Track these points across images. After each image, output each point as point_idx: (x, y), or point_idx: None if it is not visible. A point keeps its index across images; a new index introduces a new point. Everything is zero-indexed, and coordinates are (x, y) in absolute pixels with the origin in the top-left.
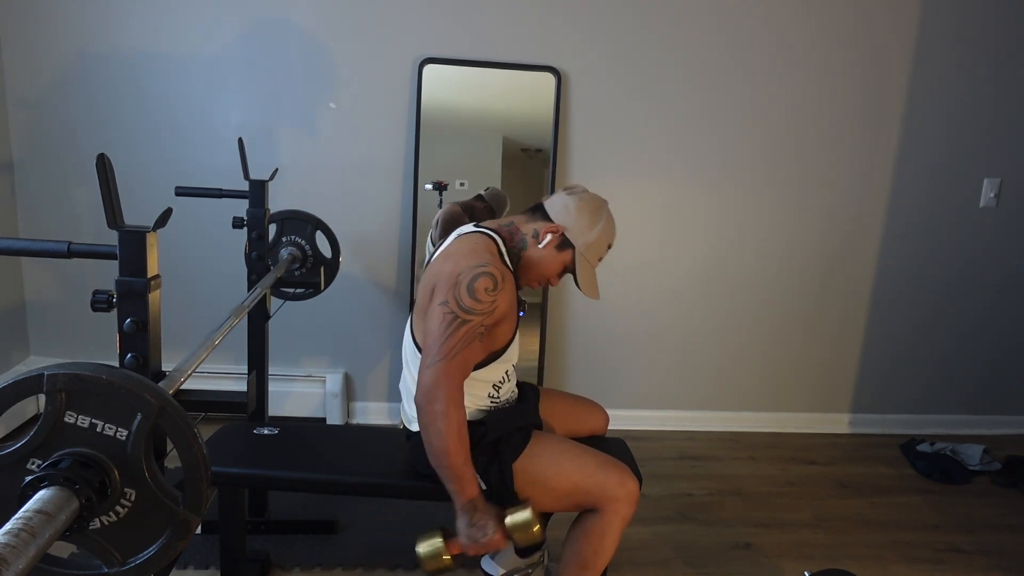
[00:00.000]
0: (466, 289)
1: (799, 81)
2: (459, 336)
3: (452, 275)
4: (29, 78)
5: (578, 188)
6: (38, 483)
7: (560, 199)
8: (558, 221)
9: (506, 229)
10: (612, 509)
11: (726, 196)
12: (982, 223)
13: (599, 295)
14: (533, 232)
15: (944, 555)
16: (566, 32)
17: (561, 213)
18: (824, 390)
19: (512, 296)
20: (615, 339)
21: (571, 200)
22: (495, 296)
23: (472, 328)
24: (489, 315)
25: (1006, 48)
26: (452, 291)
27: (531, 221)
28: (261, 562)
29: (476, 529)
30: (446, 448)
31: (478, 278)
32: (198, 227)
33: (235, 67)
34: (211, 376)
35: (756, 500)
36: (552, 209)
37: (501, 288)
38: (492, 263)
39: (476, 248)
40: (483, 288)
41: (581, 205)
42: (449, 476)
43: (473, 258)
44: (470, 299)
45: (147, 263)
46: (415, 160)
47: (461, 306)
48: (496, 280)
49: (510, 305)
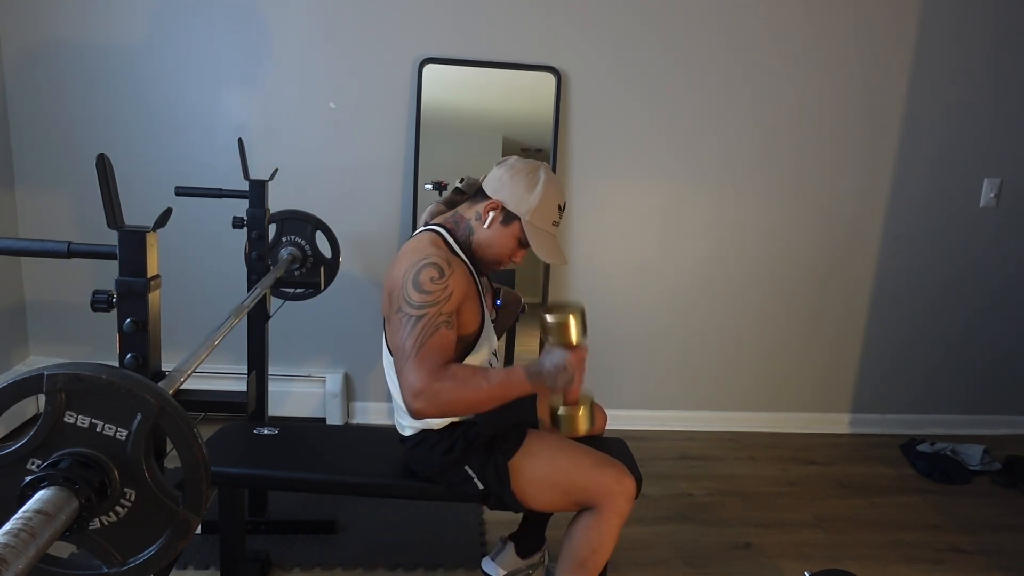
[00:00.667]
0: (412, 286)
1: (799, 81)
2: (419, 330)
3: (399, 278)
4: (29, 78)
5: (508, 160)
6: (38, 483)
7: (493, 174)
8: (495, 196)
9: (451, 220)
10: (609, 507)
11: (726, 196)
12: (982, 223)
13: (566, 260)
14: (475, 215)
15: (944, 555)
16: (566, 32)
17: (496, 187)
18: (824, 390)
19: (465, 280)
20: (615, 339)
21: (502, 171)
22: (445, 282)
23: (430, 319)
24: (445, 302)
25: (1006, 48)
26: (401, 292)
27: (473, 205)
28: (261, 562)
29: (549, 373)
30: (479, 398)
31: (420, 271)
32: (198, 227)
33: (235, 67)
34: (211, 376)
35: (756, 500)
36: (488, 186)
37: (449, 274)
38: (434, 253)
39: (418, 246)
40: (428, 278)
41: (513, 174)
42: (505, 395)
43: (413, 256)
44: (418, 294)
45: (147, 263)
46: (415, 160)
47: (411, 304)
48: (440, 267)
49: (466, 289)
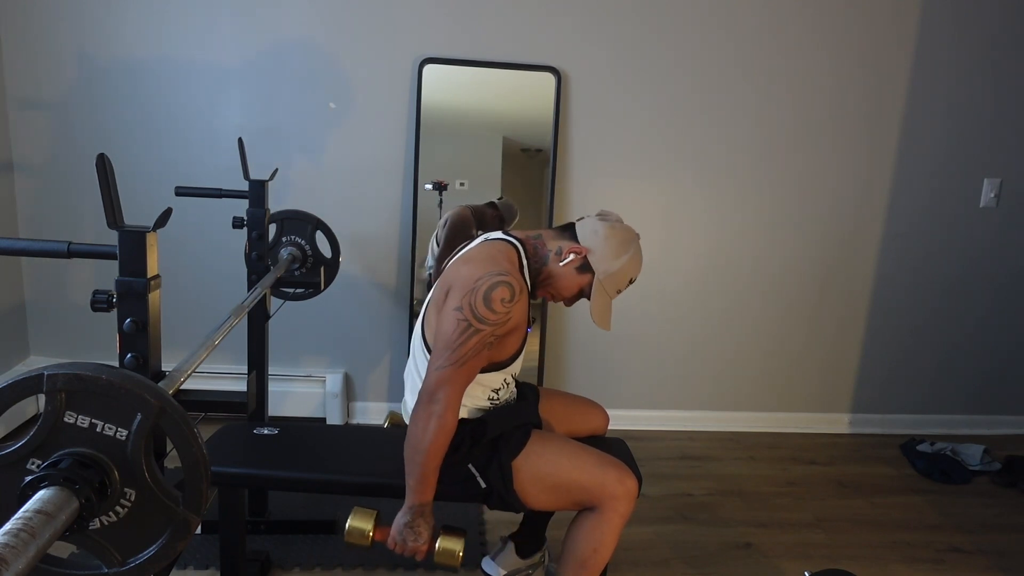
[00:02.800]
0: (482, 297)
1: (799, 80)
2: (470, 345)
3: (470, 280)
4: (29, 79)
5: (612, 216)
6: (38, 483)
7: (591, 223)
8: (584, 244)
9: (532, 241)
10: (611, 507)
11: (726, 196)
12: (982, 223)
13: (610, 327)
14: (557, 249)
15: (944, 555)
16: (566, 32)
17: (589, 236)
18: (824, 390)
19: (525, 308)
20: (615, 339)
21: (602, 226)
22: (510, 307)
23: (484, 337)
24: (502, 325)
25: (1006, 48)
26: (468, 297)
27: (559, 238)
28: (261, 562)
29: (410, 531)
30: (428, 448)
31: (496, 287)
32: (198, 227)
33: (235, 67)
34: (211, 376)
35: (756, 500)
36: (582, 231)
37: (517, 299)
38: (511, 273)
39: (497, 256)
40: (499, 299)
41: (610, 233)
42: (416, 473)
43: (493, 265)
44: (485, 308)
45: (147, 263)
46: (415, 160)
47: (476, 314)
48: (514, 291)
49: (522, 317)
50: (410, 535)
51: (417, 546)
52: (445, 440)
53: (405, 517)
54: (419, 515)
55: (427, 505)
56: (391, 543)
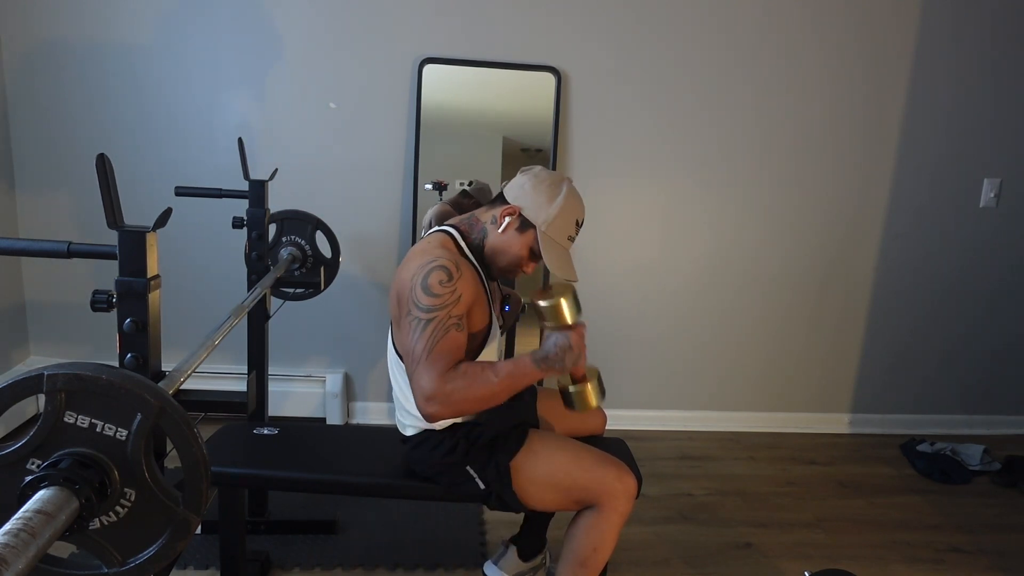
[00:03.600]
0: (421, 288)
1: (799, 81)
2: (428, 333)
3: (407, 283)
4: (29, 78)
5: (535, 167)
6: (38, 483)
7: (516, 180)
8: (514, 202)
9: (465, 222)
10: (610, 505)
11: (726, 196)
12: (982, 223)
13: (576, 276)
14: (491, 218)
15: (944, 555)
16: (566, 32)
17: (517, 193)
18: (824, 390)
19: (473, 283)
20: (615, 339)
21: (526, 179)
22: (453, 286)
23: (440, 321)
24: (454, 304)
25: (1006, 48)
26: (409, 296)
27: (490, 209)
28: (261, 562)
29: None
30: (491, 392)
31: (429, 274)
32: (198, 227)
33: (235, 67)
34: (211, 376)
35: (756, 500)
36: (510, 192)
37: (458, 276)
38: (442, 256)
39: (427, 248)
40: (437, 281)
41: (536, 182)
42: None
43: (422, 257)
44: (427, 297)
45: (147, 263)
46: (415, 160)
47: (421, 307)
48: (448, 270)
49: (474, 291)
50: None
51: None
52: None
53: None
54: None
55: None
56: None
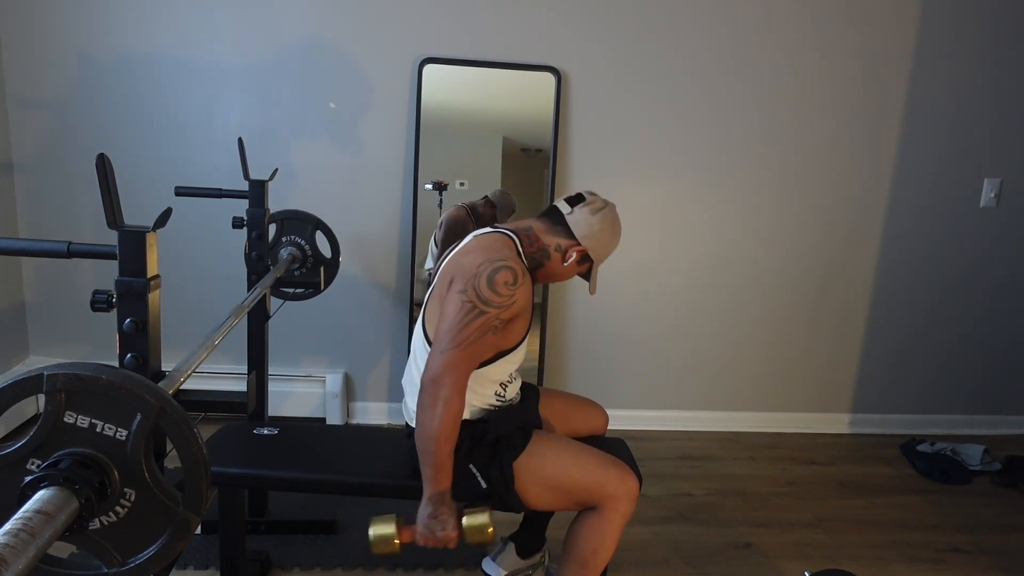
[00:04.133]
0: (486, 280)
1: (799, 81)
2: (475, 326)
3: (472, 266)
4: (29, 78)
5: (596, 201)
6: (38, 483)
7: (583, 217)
8: (583, 241)
9: (524, 233)
10: (612, 507)
11: (726, 196)
12: (982, 223)
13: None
14: (556, 246)
15: (944, 555)
16: (566, 32)
17: (585, 231)
18: (824, 390)
19: (529, 293)
20: (615, 339)
21: (595, 220)
22: (514, 290)
23: (488, 320)
24: (506, 308)
25: (1006, 48)
26: (472, 281)
27: (552, 233)
28: (261, 562)
29: (436, 522)
30: (437, 434)
31: (499, 271)
32: (198, 227)
33: (235, 67)
34: (211, 376)
35: (756, 500)
36: (577, 228)
37: (520, 283)
38: (512, 258)
39: (495, 244)
40: (503, 281)
41: (602, 224)
42: (430, 462)
43: (493, 252)
44: (489, 290)
45: (147, 263)
46: (415, 160)
47: (480, 296)
48: (516, 275)
49: (527, 301)
50: (437, 525)
51: (447, 534)
52: (454, 425)
53: (427, 509)
54: (440, 503)
55: (446, 492)
56: (420, 540)
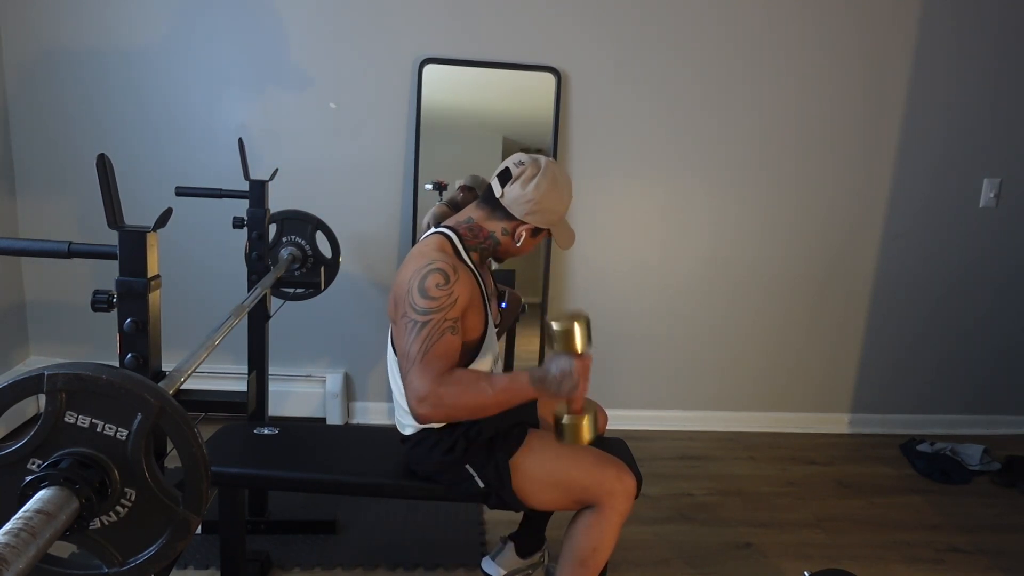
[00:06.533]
0: (417, 291)
1: (799, 81)
2: (424, 335)
3: (403, 285)
4: (29, 78)
5: (527, 171)
6: (38, 483)
7: (516, 195)
8: (526, 219)
9: (465, 227)
10: (610, 505)
11: (726, 196)
12: (982, 223)
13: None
14: (503, 230)
15: (944, 555)
16: (566, 32)
17: (525, 208)
18: (824, 390)
19: (470, 286)
20: (615, 339)
21: (530, 192)
22: (450, 289)
23: (436, 324)
24: (450, 308)
25: (1006, 48)
26: (407, 299)
27: (494, 218)
28: (261, 562)
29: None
30: (484, 403)
31: (426, 277)
32: (198, 227)
33: (235, 67)
34: (211, 376)
35: (756, 500)
36: (514, 208)
37: (455, 280)
38: (440, 259)
39: (424, 250)
40: (433, 284)
41: (540, 192)
42: (509, 400)
43: (420, 260)
44: (423, 299)
45: (147, 263)
46: (415, 160)
47: (417, 310)
48: (446, 274)
49: (470, 294)
50: (559, 379)
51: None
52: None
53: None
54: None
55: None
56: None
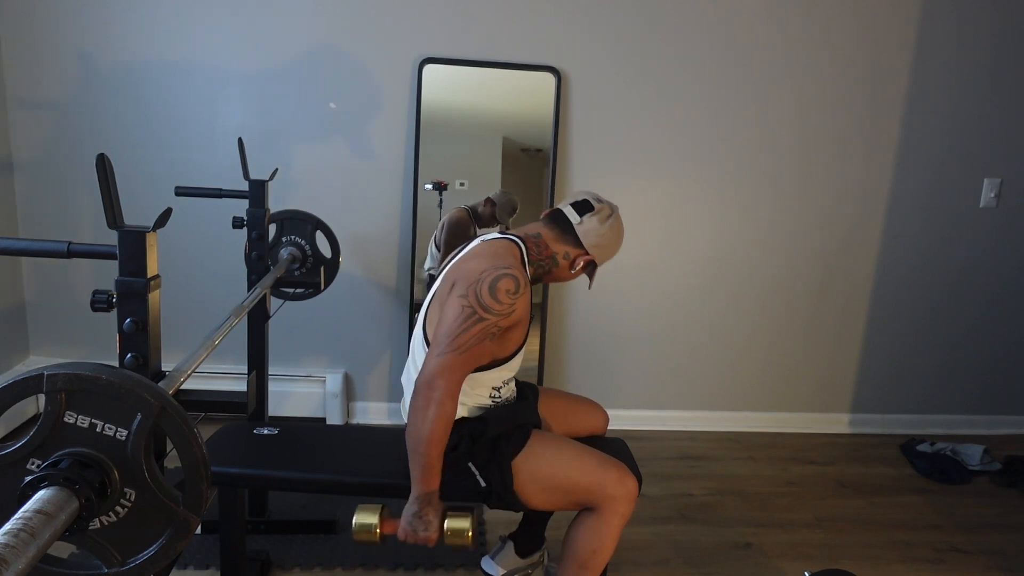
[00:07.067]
0: (488, 287)
1: (799, 81)
2: (473, 332)
3: (475, 272)
4: (29, 78)
5: (605, 209)
6: (38, 483)
7: (593, 227)
8: (591, 251)
9: (532, 240)
10: (611, 508)
11: (726, 196)
12: (982, 223)
13: None
14: (565, 254)
15: (944, 555)
16: (566, 32)
17: (595, 242)
18: (824, 390)
19: (528, 302)
20: (615, 339)
21: (604, 229)
22: (515, 299)
23: (487, 327)
24: (506, 317)
25: (1006, 48)
26: (474, 286)
27: (562, 241)
28: (261, 562)
29: (419, 521)
30: (429, 437)
31: (501, 279)
32: (198, 227)
33: (235, 67)
34: (211, 376)
35: (756, 500)
36: (587, 238)
37: (521, 293)
38: (516, 267)
39: (500, 252)
40: (504, 289)
41: (609, 232)
42: (420, 463)
43: (497, 259)
44: (490, 298)
45: (147, 263)
46: (415, 160)
47: (480, 302)
48: (519, 283)
49: (525, 311)
50: (420, 525)
51: (428, 535)
52: (446, 428)
53: (413, 507)
54: (426, 504)
55: (434, 494)
56: (401, 535)
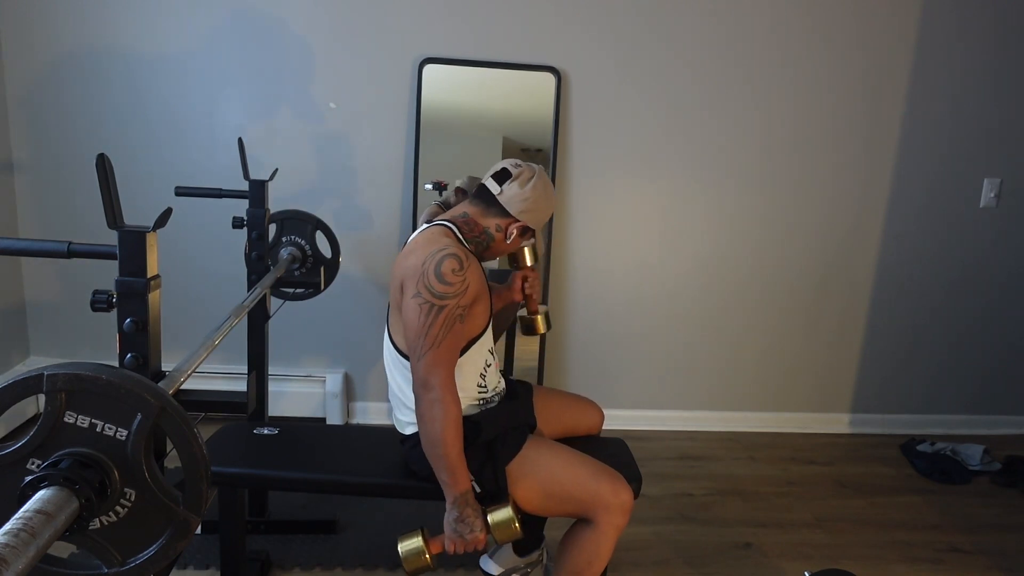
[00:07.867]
0: (434, 274)
1: (799, 81)
2: (440, 322)
3: (416, 267)
4: (29, 78)
5: (524, 172)
6: (38, 483)
7: (515, 193)
8: (520, 216)
9: (462, 220)
10: (606, 519)
11: (726, 195)
12: (982, 223)
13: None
14: (496, 227)
15: (944, 555)
16: (566, 32)
17: (520, 207)
18: (824, 390)
19: (480, 275)
20: (615, 339)
21: (527, 192)
22: (463, 275)
23: (449, 312)
24: (463, 295)
25: (1006, 48)
26: (421, 280)
27: (489, 215)
28: (261, 562)
29: (463, 525)
30: (443, 436)
31: (443, 261)
32: (198, 227)
33: (235, 67)
34: (211, 376)
35: (756, 500)
36: (511, 205)
37: (467, 267)
38: (452, 245)
39: (432, 237)
40: (450, 269)
41: (536, 194)
42: (443, 466)
43: (432, 244)
44: (440, 283)
45: (147, 263)
46: (415, 160)
47: (433, 292)
48: (460, 260)
49: (480, 283)
50: (465, 528)
51: (475, 536)
52: (456, 424)
53: (453, 513)
54: (464, 505)
55: (468, 494)
56: (450, 546)
